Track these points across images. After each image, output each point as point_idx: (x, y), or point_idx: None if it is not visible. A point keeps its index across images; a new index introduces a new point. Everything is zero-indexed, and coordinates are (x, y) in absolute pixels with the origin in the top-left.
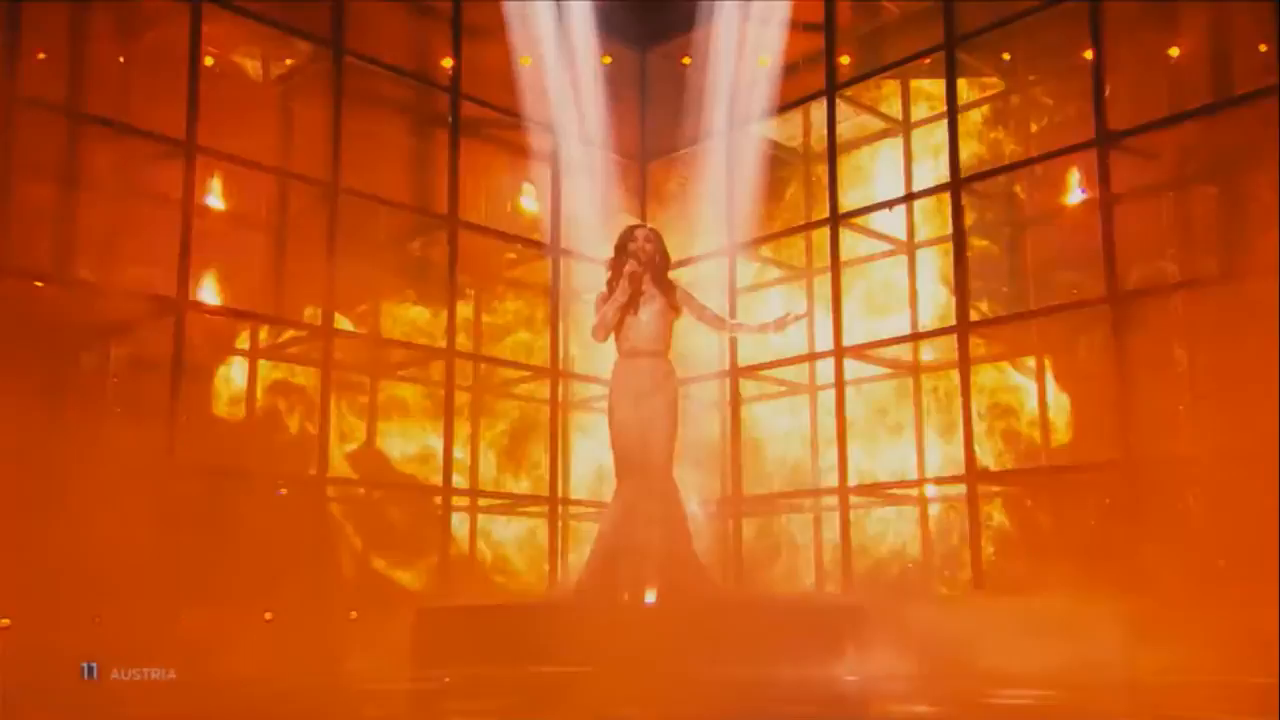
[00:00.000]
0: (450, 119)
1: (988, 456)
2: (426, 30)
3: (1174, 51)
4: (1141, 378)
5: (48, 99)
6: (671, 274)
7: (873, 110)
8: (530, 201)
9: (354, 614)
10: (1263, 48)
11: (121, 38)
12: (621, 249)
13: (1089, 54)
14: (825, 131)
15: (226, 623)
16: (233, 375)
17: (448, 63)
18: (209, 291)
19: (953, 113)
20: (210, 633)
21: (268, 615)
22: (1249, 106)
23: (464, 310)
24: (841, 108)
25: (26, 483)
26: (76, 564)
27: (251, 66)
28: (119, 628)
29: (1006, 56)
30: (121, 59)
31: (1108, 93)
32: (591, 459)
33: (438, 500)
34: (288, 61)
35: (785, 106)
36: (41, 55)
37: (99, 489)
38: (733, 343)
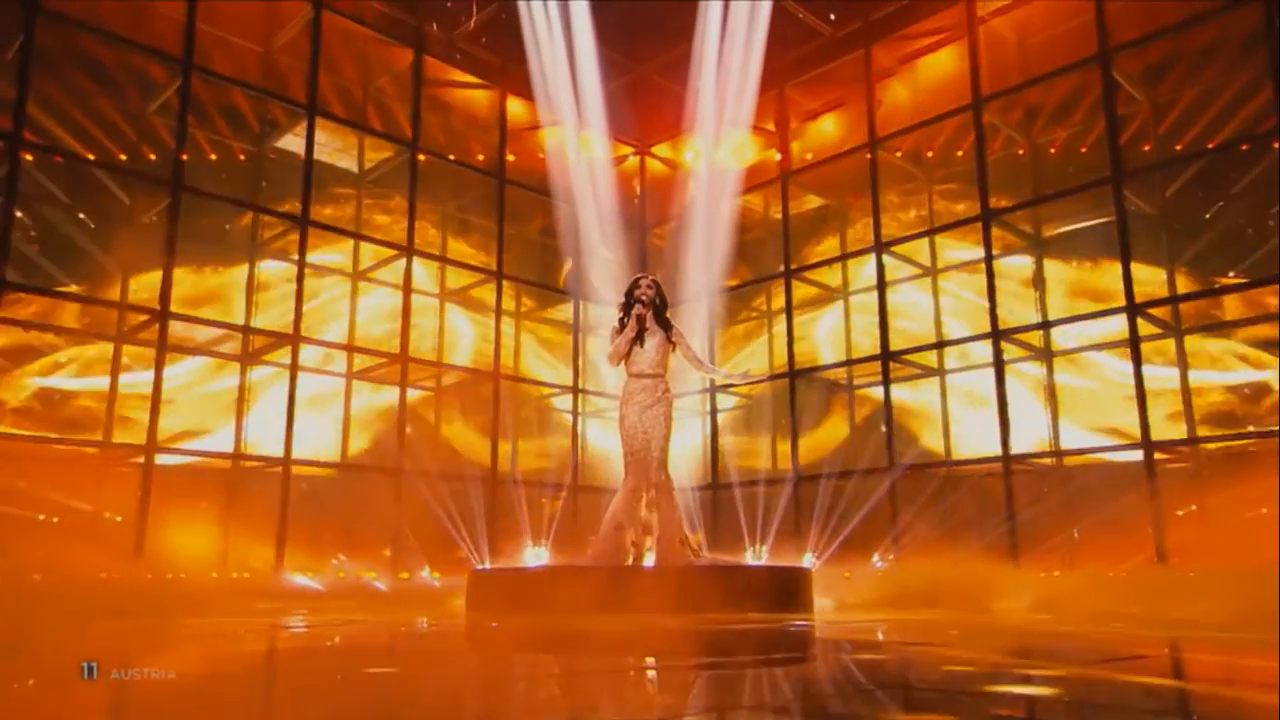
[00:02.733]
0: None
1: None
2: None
3: None
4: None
5: (202, 187)
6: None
7: (816, 193)
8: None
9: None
10: None
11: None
12: (630, 294)
13: None
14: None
15: None
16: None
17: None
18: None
19: (875, 197)
20: None
21: None
22: None
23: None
24: (792, 189)
25: None
26: None
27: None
28: None
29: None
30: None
31: None
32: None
33: None
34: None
35: (751, 188)
36: (185, 156)
37: None
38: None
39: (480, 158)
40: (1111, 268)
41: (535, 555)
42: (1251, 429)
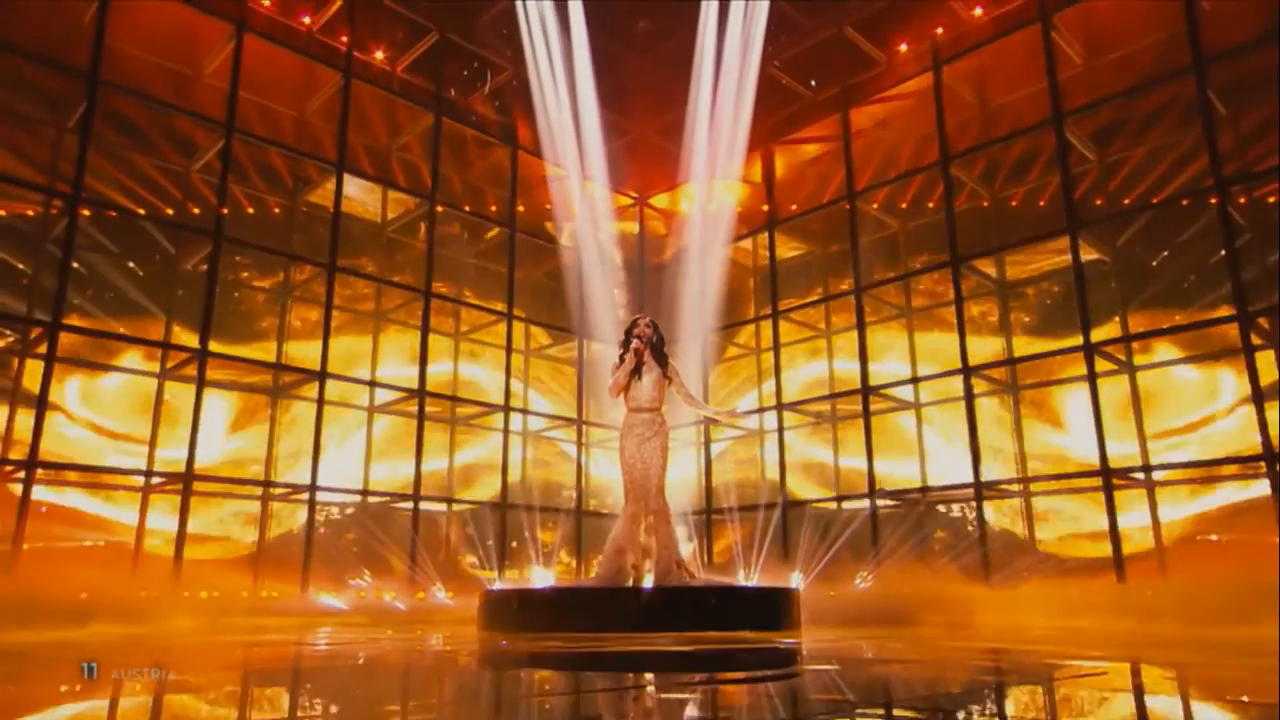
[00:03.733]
0: (508, 247)
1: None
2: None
3: None
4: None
5: (240, 237)
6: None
7: (801, 240)
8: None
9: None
10: None
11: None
12: (629, 332)
13: None
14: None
15: None
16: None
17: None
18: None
19: (854, 243)
20: None
21: None
22: None
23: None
24: (778, 236)
25: None
26: None
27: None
28: None
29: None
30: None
31: None
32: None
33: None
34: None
35: (740, 235)
36: (225, 210)
37: None
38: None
39: (493, 209)
40: (1068, 311)
41: (543, 576)
42: (1204, 458)
